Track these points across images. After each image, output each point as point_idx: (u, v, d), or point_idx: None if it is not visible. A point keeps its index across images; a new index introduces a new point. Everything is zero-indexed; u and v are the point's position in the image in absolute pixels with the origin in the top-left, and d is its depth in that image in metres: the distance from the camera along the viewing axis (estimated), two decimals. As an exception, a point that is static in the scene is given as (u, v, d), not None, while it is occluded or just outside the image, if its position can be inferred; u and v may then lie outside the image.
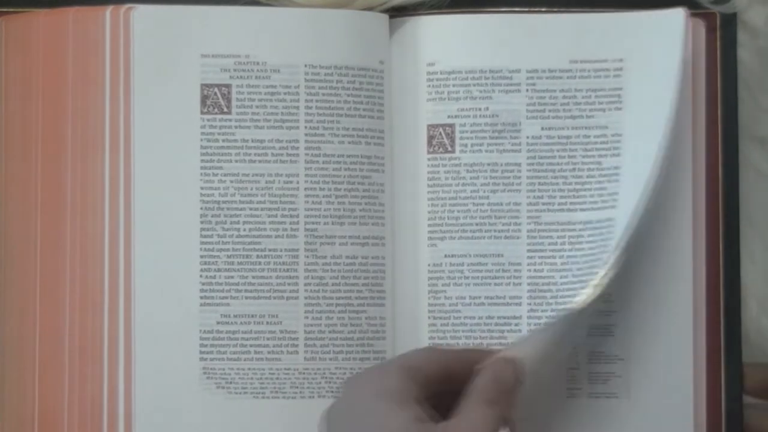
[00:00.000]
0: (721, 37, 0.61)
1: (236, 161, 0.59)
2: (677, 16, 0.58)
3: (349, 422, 0.50)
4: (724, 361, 0.60)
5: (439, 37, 0.61)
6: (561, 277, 0.59)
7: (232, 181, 0.59)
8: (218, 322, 0.59)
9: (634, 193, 0.55)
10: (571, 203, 0.59)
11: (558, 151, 0.60)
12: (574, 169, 0.60)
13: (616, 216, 0.57)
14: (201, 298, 0.59)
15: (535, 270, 0.59)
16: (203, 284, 0.59)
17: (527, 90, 0.60)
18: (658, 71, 0.58)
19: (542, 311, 0.59)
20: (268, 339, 0.59)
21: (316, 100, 0.60)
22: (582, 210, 0.59)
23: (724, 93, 0.61)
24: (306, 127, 0.60)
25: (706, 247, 0.61)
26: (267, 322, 0.59)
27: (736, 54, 0.62)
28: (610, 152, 0.59)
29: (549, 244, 0.59)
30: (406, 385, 0.49)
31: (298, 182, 0.59)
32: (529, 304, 0.59)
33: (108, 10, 0.60)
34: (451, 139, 0.60)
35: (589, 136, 0.60)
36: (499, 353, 0.52)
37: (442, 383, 0.51)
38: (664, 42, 0.58)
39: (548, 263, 0.59)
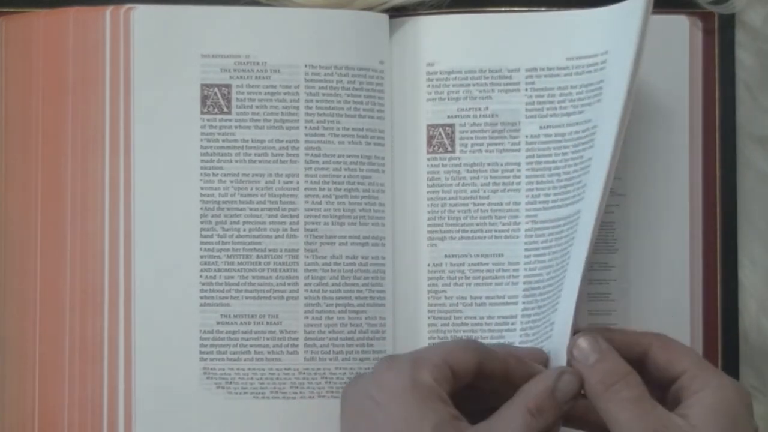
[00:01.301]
0: (719, 38, 0.61)
1: (236, 161, 0.59)
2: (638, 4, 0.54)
3: (375, 409, 0.49)
4: (721, 360, 0.60)
5: (439, 37, 0.61)
6: (547, 274, 0.58)
7: (232, 181, 0.59)
8: (218, 323, 0.59)
9: (596, 185, 0.54)
10: (561, 200, 0.59)
11: (554, 149, 0.60)
12: (565, 166, 0.59)
13: (582, 208, 0.56)
14: (201, 298, 0.59)
15: (530, 269, 0.59)
16: (203, 284, 0.59)
17: (526, 89, 0.60)
18: (627, 61, 0.56)
19: (532, 309, 0.58)
20: (268, 339, 0.59)
21: (316, 100, 0.60)
22: (566, 205, 0.58)
23: (722, 93, 0.61)
24: (306, 127, 0.60)
25: (703, 247, 0.61)
26: (267, 322, 0.59)
27: (734, 54, 0.62)
28: (588, 145, 0.58)
29: (542, 242, 0.59)
30: (441, 382, 0.49)
31: (298, 182, 0.59)
32: (523, 302, 0.59)
33: (108, 10, 0.60)
34: (451, 139, 0.60)
35: (578, 132, 0.59)
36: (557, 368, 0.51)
37: (470, 381, 0.50)
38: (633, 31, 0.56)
39: (539, 261, 0.59)
